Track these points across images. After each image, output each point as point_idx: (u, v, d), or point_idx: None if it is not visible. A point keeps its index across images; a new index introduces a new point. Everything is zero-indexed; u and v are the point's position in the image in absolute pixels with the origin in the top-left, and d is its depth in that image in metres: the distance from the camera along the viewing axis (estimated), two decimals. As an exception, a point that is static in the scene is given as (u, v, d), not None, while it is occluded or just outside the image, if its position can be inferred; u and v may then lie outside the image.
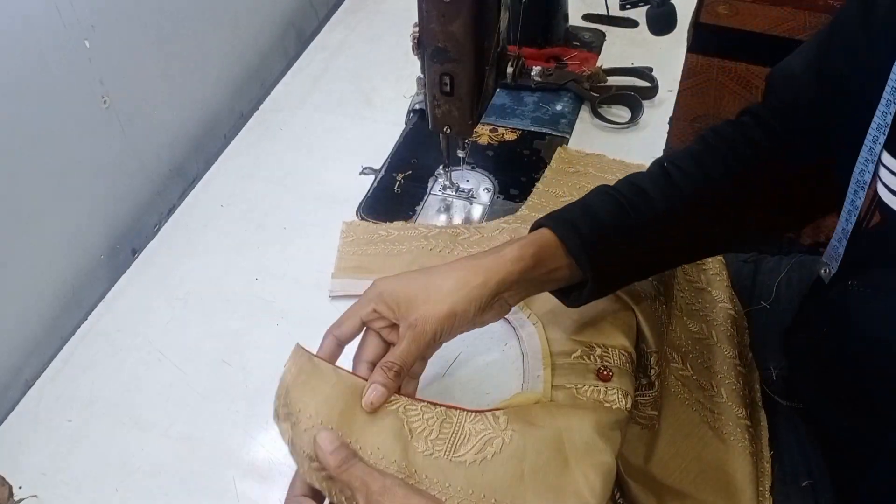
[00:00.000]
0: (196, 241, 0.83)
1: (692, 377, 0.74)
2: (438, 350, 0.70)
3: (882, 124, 0.57)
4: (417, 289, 0.59)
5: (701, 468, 0.69)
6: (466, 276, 0.59)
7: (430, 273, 0.60)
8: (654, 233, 0.65)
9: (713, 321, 0.78)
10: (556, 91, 0.99)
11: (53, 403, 0.69)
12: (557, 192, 0.86)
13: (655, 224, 0.65)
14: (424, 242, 0.81)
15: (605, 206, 0.64)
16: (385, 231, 0.82)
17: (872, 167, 0.60)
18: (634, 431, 0.69)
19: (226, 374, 0.70)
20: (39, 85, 0.69)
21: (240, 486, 0.62)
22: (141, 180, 0.87)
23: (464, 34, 0.68)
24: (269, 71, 1.09)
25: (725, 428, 0.71)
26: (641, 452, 0.69)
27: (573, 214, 0.64)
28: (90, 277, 0.80)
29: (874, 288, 0.61)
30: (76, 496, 0.62)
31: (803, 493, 0.71)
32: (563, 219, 0.63)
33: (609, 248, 0.63)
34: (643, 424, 0.69)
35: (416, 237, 0.81)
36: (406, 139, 0.94)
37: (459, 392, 0.68)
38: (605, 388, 0.64)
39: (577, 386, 0.65)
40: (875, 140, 0.58)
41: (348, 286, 0.77)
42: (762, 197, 0.68)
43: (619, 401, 0.63)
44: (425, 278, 0.60)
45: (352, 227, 0.83)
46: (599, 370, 0.66)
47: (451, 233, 0.82)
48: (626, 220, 0.64)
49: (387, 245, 0.81)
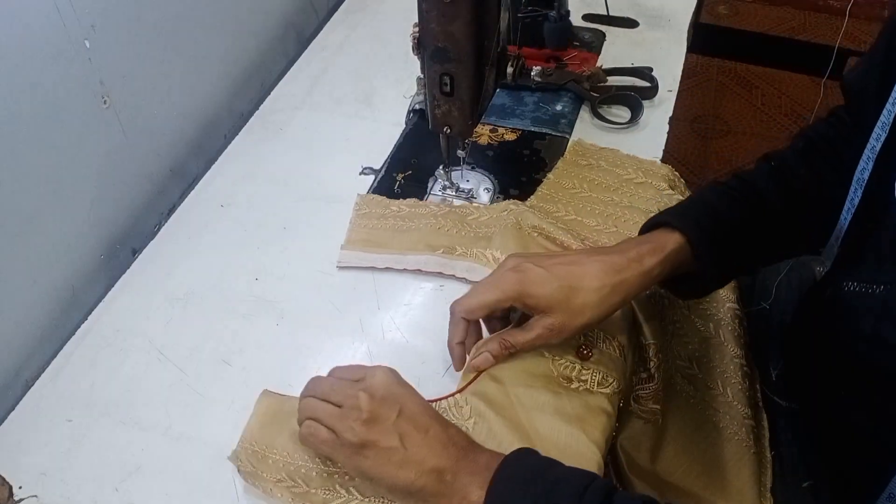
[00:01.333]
0: (196, 241, 0.83)
1: (698, 376, 0.74)
2: (438, 350, 0.70)
3: (885, 122, 0.58)
4: (562, 297, 0.61)
5: (705, 467, 0.69)
6: (610, 294, 0.62)
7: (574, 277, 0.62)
8: (768, 234, 0.67)
9: (720, 320, 0.78)
10: (556, 91, 0.99)
11: (53, 403, 0.69)
12: (567, 184, 0.86)
13: (771, 226, 0.67)
14: (433, 221, 0.82)
15: (728, 207, 0.66)
16: (397, 207, 0.84)
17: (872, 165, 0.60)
18: (638, 426, 0.69)
19: (226, 374, 0.70)
20: (39, 85, 0.69)
21: (240, 486, 0.62)
22: (141, 180, 0.87)
23: (464, 34, 0.68)
24: (269, 71, 1.09)
25: (731, 427, 0.72)
26: (646, 448, 0.69)
27: (698, 215, 0.66)
28: (90, 277, 0.80)
29: (868, 284, 0.61)
30: (76, 496, 0.62)
31: (803, 493, 0.71)
32: (692, 219, 0.65)
33: (730, 251, 0.66)
34: (645, 419, 0.70)
35: (426, 215, 0.83)
36: (406, 139, 0.94)
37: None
38: (581, 367, 0.65)
39: (554, 357, 0.65)
40: (878, 138, 0.59)
41: (356, 258, 0.79)
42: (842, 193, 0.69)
43: (592, 382, 0.64)
44: (570, 287, 0.62)
45: (365, 200, 0.85)
46: (580, 348, 0.66)
47: (461, 212, 0.83)
48: (747, 221, 0.66)
49: (397, 221, 0.82)
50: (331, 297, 0.76)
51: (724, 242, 0.65)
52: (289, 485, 0.59)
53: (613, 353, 0.66)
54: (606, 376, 0.64)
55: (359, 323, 0.74)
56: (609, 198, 0.83)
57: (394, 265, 0.78)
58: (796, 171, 0.68)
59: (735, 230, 0.66)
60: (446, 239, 0.79)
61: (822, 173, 0.68)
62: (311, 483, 0.59)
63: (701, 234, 0.64)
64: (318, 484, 0.59)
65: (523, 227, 0.78)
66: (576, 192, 0.84)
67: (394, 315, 0.74)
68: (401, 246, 0.79)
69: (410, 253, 0.78)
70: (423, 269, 0.77)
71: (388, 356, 0.70)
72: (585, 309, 0.61)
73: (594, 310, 0.61)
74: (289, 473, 0.59)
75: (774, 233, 0.68)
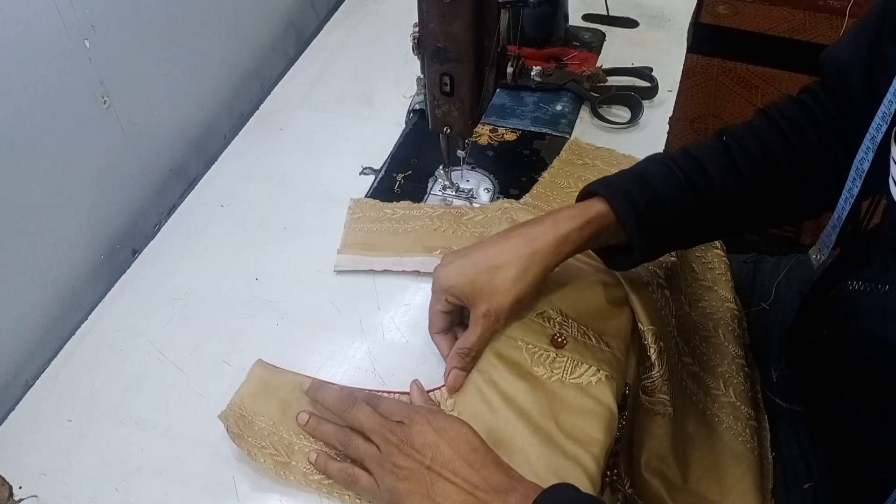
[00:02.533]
0: (196, 241, 0.83)
1: (700, 374, 0.74)
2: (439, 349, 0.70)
3: (887, 113, 0.57)
4: (483, 281, 0.62)
5: (707, 467, 0.69)
6: (528, 264, 0.62)
7: (490, 258, 0.63)
8: (708, 212, 0.66)
9: (720, 320, 0.78)
10: (556, 91, 0.99)
11: (53, 403, 0.69)
12: (563, 182, 0.86)
13: (711, 205, 0.66)
14: (429, 223, 0.82)
15: (664, 181, 0.65)
16: (391, 210, 0.84)
17: (872, 156, 0.59)
18: (657, 422, 0.69)
19: (226, 374, 0.70)
20: (39, 85, 0.69)
21: (240, 486, 0.62)
22: (141, 180, 0.87)
23: (464, 34, 0.68)
24: (269, 71, 1.09)
25: (734, 428, 0.71)
26: (667, 445, 0.68)
27: (629, 185, 0.64)
28: (90, 277, 0.80)
29: (873, 284, 0.61)
30: (76, 496, 0.62)
31: (805, 495, 0.71)
32: (621, 190, 0.64)
33: (662, 223, 0.65)
34: (656, 411, 0.69)
35: (421, 217, 0.83)
36: (406, 139, 0.94)
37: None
38: (556, 355, 0.65)
39: (528, 345, 0.65)
40: (878, 129, 0.58)
41: (353, 262, 0.79)
42: (813, 178, 0.67)
43: (564, 371, 0.64)
44: (487, 268, 0.62)
45: (359, 204, 0.85)
46: (554, 336, 0.66)
47: (456, 213, 0.83)
48: (684, 198, 0.65)
49: (392, 223, 0.82)
50: (331, 297, 0.76)
51: (654, 216, 0.64)
52: (272, 452, 0.61)
53: (590, 342, 0.66)
54: (580, 364, 0.64)
55: (359, 323, 0.74)
56: None
57: (391, 268, 0.78)
58: (749, 151, 0.66)
59: (668, 205, 0.64)
60: (442, 239, 0.79)
61: (777, 156, 0.66)
62: (293, 456, 0.61)
63: (628, 204, 0.63)
64: (299, 458, 0.61)
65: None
66: (571, 192, 0.84)
67: (394, 315, 0.74)
68: (397, 248, 0.79)
69: (407, 255, 0.78)
70: (421, 271, 0.77)
71: (388, 356, 0.70)
72: (508, 285, 0.62)
73: (516, 284, 0.62)
74: (272, 442, 0.62)
75: (713, 213, 0.66)
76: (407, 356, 0.70)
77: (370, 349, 0.71)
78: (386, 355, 0.71)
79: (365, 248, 0.80)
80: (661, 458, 0.67)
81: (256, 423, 0.63)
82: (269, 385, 0.66)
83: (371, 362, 0.70)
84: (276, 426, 0.63)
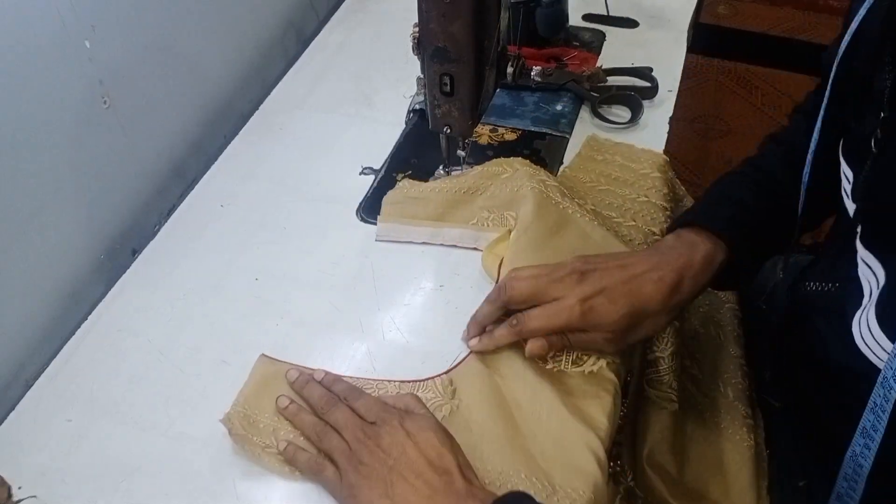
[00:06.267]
0: (196, 241, 0.83)
1: (699, 377, 0.75)
2: (438, 350, 0.70)
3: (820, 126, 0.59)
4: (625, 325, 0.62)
5: (706, 464, 0.69)
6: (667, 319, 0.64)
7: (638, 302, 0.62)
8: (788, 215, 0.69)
9: (720, 321, 0.78)
10: (556, 91, 0.99)
11: (53, 403, 0.69)
12: (584, 177, 0.86)
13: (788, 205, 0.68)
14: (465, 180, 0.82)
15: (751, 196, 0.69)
16: (430, 186, 0.84)
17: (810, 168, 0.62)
18: (661, 416, 0.69)
19: (226, 374, 0.70)
20: (39, 85, 0.69)
21: (240, 486, 0.62)
22: (141, 180, 0.87)
23: (464, 34, 0.68)
24: (270, 71, 1.09)
25: (731, 427, 0.72)
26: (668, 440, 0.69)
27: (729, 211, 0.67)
28: (90, 277, 0.80)
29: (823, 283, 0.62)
30: (76, 496, 0.62)
31: (799, 493, 0.71)
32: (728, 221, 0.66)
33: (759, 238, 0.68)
34: (662, 406, 0.70)
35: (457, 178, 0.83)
36: (406, 139, 0.94)
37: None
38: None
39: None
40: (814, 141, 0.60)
41: (394, 231, 0.80)
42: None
43: (566, 361, 0.64)
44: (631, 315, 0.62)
45: (402, 184, 0.85)
46: None
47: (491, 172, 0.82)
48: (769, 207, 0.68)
49: (432, 193, 0.82)
50: (331, 297, 0.76)
51: (756, 235, 0.66)
52: (277, 451, 0.61)
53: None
54: (581, 355, 0.64)
55: (359, 323, 0.74)
56: (626, 192, 0.83)
57: (430, 239, 0.79)
58: (802, 151, 0.68)
59: (763, 220, 0.67)
60: (481, 200, 0.79)
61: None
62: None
63: (737, 232, 0.65)
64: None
65: (551, 196, 0.77)
66: (593, 186, 0.84)
67: (394, 315, 0.74)
68: (436, 212, 0.79)
69: (446, 226, 0.79)
70: (459, 245, 0.78)
71: (388, 356, 0.70)
72: (643, 331, 0.63)
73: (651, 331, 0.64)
74: (277, 439, 0.62)
75: (792, 217, 0.69)
76: (407, 356, 0.70)
77: (370, 349, 0.71)
78: (386, 355, 0.71)
79: (404, 215, 0.80)
80: (662, 452, 0.68)
81: (261, 421, 0.63)
82: (272, 381, 0.66)
83: (371, 362, 0.70)
84: (279, 423, 0.63)
